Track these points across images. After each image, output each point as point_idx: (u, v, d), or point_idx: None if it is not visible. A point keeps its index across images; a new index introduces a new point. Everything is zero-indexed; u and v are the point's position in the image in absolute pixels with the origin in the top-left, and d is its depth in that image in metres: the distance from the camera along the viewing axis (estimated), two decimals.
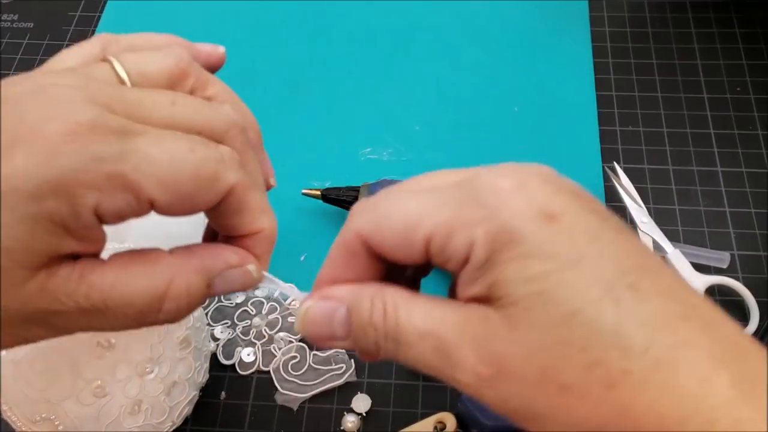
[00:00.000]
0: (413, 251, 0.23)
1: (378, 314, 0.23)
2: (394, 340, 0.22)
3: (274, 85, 0.54)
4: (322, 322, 0.24)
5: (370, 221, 0.24)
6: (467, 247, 0.21)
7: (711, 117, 0.51)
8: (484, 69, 0.55)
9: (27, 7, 0.60)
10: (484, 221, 0.21)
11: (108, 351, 0.33)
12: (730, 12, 0.57)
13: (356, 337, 0.23)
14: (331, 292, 0.24)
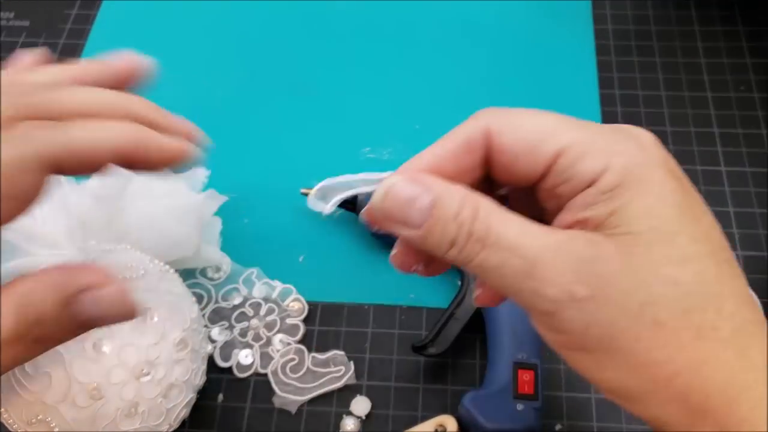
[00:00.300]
0: (536, 162, 0.23)
1: (467, 213, 0.22)
2: (480, 241, 0.22)
3: (274, 85, 0.54)
4: (402, 202, 0.23)
5: (503, 122, 0.24)
6: (599, 171, 0.22)
7: (715, 116, 0.51)
8: (486, 68, 0.54)
9: (23, 5, 0.60)
10: (627, 153, 0.22)
11: (104, 353, 0.32)
12: (734, 10, 0.56)
13: (431, 229, 0.23)
14: (421, 177, 0.24)
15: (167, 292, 0.36)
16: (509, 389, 0.37)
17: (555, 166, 0.23)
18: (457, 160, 0.25)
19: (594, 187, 0.22)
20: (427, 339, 0.40)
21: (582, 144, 0.23)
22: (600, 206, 0.22)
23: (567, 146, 0.23)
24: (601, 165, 0.22)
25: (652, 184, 0.22)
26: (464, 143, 0.25)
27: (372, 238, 0.45)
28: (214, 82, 0.54)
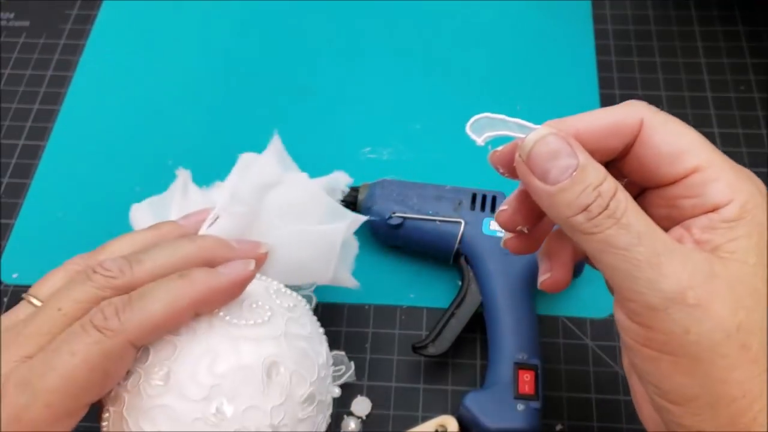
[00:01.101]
0: (675, 169, 0.25)
1: (607, 187, 0.24)
2: (614, 218, 0.23)
3: (274, 85, 0.54)
4: (549, 154, 0.24)
5: (659, 120, 0.26)
6: (726, 200, 0.25)
7: (715, 116, 0.51)
8: (485, 68, 0.54)
9: (23, 5, 0.60)
10: (749, 192, 0.25)
11: (223, 419, 0.29)
12: (733, 10, 0.56)
13: (566, 190, 0.24)
14: (572, 139, 0.25)
15: (296, 337, 0.32)
16: (510, 389, 0.37)
17: (689, 179, 0.25)
18: (602, 138, 0.26)
19: (718, 213, 0.25)
20: (428, 339, 0.40)
21: (717, 168, 0.25)
22: (720, 234, 0.24)
23: (705, 165, 0.25)
24: (729, 195, 0.25)
25: (762, 226, 0.25)
26: (614, 125, 0.26)
27: (373, 238, 0.45)
28: (214, 82, 0.54)
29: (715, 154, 0.25)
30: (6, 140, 0.52)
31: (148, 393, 0.28)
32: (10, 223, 0.48)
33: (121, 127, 0.52)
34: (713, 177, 0.25)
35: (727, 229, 0.24)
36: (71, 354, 0.26)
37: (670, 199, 0.26)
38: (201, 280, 0.28)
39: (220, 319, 0.30)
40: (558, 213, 0.24)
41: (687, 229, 0.25)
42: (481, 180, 0.47)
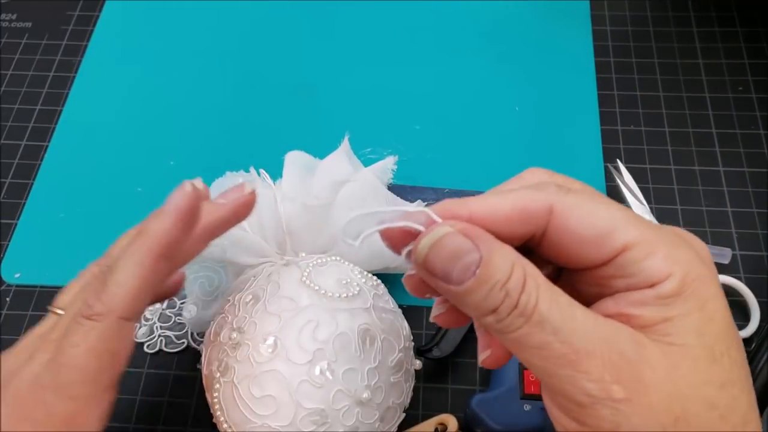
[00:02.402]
0: (601, 252, 0.23)
1: (515, 282, 0.21)
2: (524, 317, 0.21)
3: (274, 86, 0.54)
4: (448, 257, 0.22)
5: (571, 205, 0.23)
6: (662, 276, 0.22)
7: (713, 116, 0.51)
8: (484, 68, 0.54)
9: (25, 6, 0.60)
10: (689, 263, 0.22)
11: (328, 379, 0.32)
12: (731, 11, 0.56)
13: (472, 291, 0.21)
14: (473, 230, 0.22)
15: (383, 310, 0.35)
16: (516, 390, 0.37)
17: (618, 259, 0.22)
18: (509, 225, 0.23)
19: (654, 290, 0.22)
20: (432, 342, 0.40)
21: (649, 243, 0.22)
22: (654, 310, 0.22)
23: (634, 242, 0.22)
24: (665, 270, 0.22)
25: (707, 300, 0.22)
26: (522, 211, 0.23)
27: None
28: (215, 82, 0.54)
29: (644, 228, 0.23)
30: (8, 141, 0.52)
31: (257, 361, 0.32)
32: (12, 223, 0.48)
33: (123, 127, 0.52)
34: (646, 253, 0.22)
35: (662, 307, 0.22)
36: (74, 346, 0.27)
37: (600, 279, 0.23)
38: (155, 228, 0.28)
39: (317, 293, 0.34)
40: (467, 312, 0.22)
41: (616, 301, 0.23)
42: (480, 180, 0.48)
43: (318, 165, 0.41)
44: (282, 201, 0.38)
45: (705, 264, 0.23)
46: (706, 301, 0.22)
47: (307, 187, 0.39)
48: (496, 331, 0.22)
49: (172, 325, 0.43)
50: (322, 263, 0.36)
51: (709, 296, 0.22)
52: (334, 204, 0.39)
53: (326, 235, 0.38)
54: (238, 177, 0.42)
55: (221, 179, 0.42)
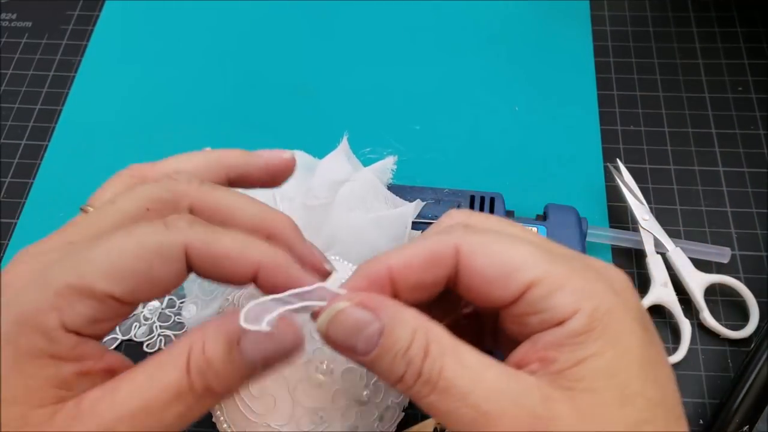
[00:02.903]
0: (507, 290, 0.22)
1: (417, 350, 0.21)
2: (430, 384, 0.21)
3: (274, 86, 0.54)
4: (349, 331, 0.22)
5: (476, 244, 0.23)
6: (570, 311, 0.21)
7: (712, 116, 0.51)
8: (484, 68, 0.54)
9: (25, 6, 0.60)
10: (599, 296, 0.22)
11: (327, 378, 0.31)
12: (731, 11, 0.56)
13: (378, 360, 0.22)
14: (371, 299, 0.22)
15: None
16: None
17: (526, 297, 0.22)
18: (421, 272, 0.24)
19: (563, 327, 0.21)
20: None
21: (556, 279, 0.22)
22: (567, 352, 0.21)
23: (540, 278, 0.22)
24: (573, 306, 0.21)
25: (620, 335, 0.21)
26: (431, 257, 0.23)
27: None
28: (215, 82, 0.54)
29: (552, 264, 0.22)
30: (8, 140, 0.52)
31: None
32: (12, 223, 0.48)
33: (123, 127, 0.52)
34: (553, 288, 0.22)
35: (574, 347, 0.21)
36: (127, 234, 0.23)
37: (516, 318, 0.23)
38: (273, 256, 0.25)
39: None
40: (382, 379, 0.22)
41: (533, 344, 0.22)
42: (480, 181, 0.48)
43: (317, 164, 0.41)
44: (281, 200, 0.38)
45: (618, 295, 0.22)
46: (620, 337, 0.21)
47: (307, 187, 0.39)
48: (408, 397, 0.22)
49: (171, 324, 0.43)
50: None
51: (622, 330, 0.21)
52: (334, 203, 0.39)
53: (326, 234, 0.38)
54: None
55: None
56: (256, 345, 0.22)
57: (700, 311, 0.42)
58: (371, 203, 0.40)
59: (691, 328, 0.41)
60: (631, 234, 0.44)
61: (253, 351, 0.22)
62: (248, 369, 0.22)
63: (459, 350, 0.22)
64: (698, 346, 0.41)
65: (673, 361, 0.40)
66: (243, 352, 0.22)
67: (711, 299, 0.42)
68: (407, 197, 0.43)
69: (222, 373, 0.22)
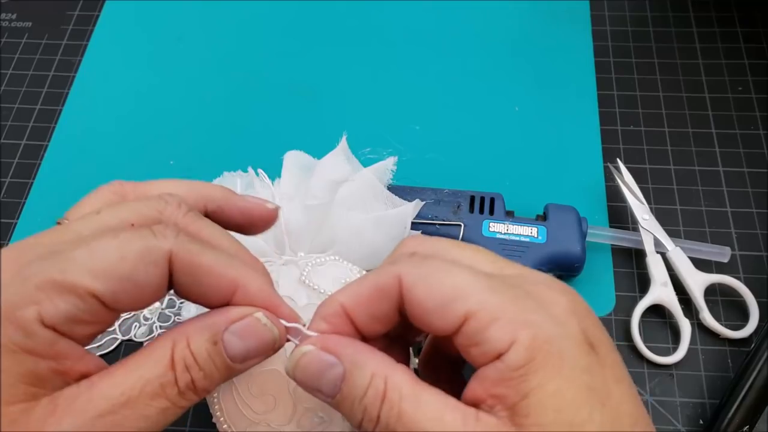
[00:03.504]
0: (446, 321, 0.22)
1: (372, 397, 0.22)
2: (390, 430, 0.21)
3: (274, 86, 0.54)
4: (313, 373, 0.23)
5: (416, 275, 0.23)
6: (506, 343, 0.21)
7: (713, 116, 0.51)
8: (484, 68, 0.54)
9: (25, 6, 0.60)
10: (536, 325, 0.21)
11: None
12: (731, 11, 0.56)
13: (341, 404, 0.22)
14: (333, 343, 0.23)
15: None
16: None
17: (464, 329, 0.22)
18: (371, 306, 0.24)
19: (502, 361, 0.21)
20: None
21: (491, 310, 0.22)
22: (512, 386, 0.21)
23: (476, 310, 0.22)
24: (508, 337, 0.21)
25: (562, 363, 0.21)
26: (376, 290, 0.24)
27: None
28: (215, 82, 0.54)
29: (490, 293, 0.22)
30: (8, 140, 0.52)
31: None
32: (12, 223, 0.48)
33: (123, 127, 0.52)
34: (488, 320, 0.21)
35: (518, 381, 0.21)
36: (113, 236, 0.22)
37: (460, 347, 0.23)
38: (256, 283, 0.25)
39: (316, 292, 0.34)
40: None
41: (480, 381, 0.22)
42: (480, 181, 0.48)
43: (316, 165, 0.41)
44: (280, 200, 0.39)
45: (558, 322, 0.22)
46: (562, 365, 0.21)
47: (306, 187, 0.39)
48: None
49: (171, 324, 0.43)
50: (321, 263, 0.36)
51: (563, 358, 0.21)
52: (333, 203, 0.39)
53: (325, 234, 0.38)
54: (236, 177, 0.42)
55: (219, 179, 0.42)
56: (239, 340, 0.23)
57: (700, 311, 0.42)
58: (371, 203, 0.40)
59: (690, 328, 0.41)
60: (631, 234, 0.44)
61: (236, 346, 0.23)
62: (231, 364, 0.23)
63: (418, 395, 0.22)
64: (698, 346, 0.41)
65: (673, 361, 0.40)
66: (227, 348, 0.23)
67: (711, 299, 0.42)
68: (407, 197, 0.43)
69: (206, 367, 0.22)
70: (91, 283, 0.21)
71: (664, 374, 0.40)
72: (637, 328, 0.41)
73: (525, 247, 0.41)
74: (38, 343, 0.21)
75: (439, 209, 0.43)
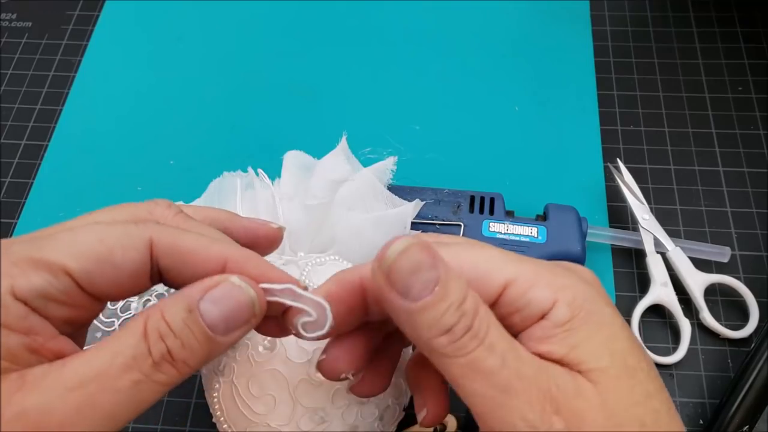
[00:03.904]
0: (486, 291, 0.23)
1: (471, 305, 0.22)
2: (478, 339, 0.21)
3: (274, 86, 0.54)
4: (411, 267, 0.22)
5: (449, 253, 0.23)
6: (549, 303, 0.22)
7: (713, 116, 0.51)
8: (484, 68, 0.54)
9: (25, 6, 0.60)
10: (573, 287, 0.23)
11: (325, 381, 0.31)
12: (731, 11, 0.56)
13: (428, 308, 0.21)
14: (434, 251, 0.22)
15: None
16: None
17: (504, 297, 0.23)
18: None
19: (547, 320, 0.22)
20: None
21: (528, 276, 0.23)
22: (558, 341, 0.22)
23: (514, 277, 0.23)
24: (551, 297, 0.22)
25: (603, 319, 0.23)
26: None
27: None
28: (215, 82, 0.54)
29: (523, 264, 0.23)
30: (8, 140, 0.52)
31: (256, 360, 0.31)
32: (12, 223, 0.48)
33: (123, 127, 0.52)
34: (528, 285, 0.23)
35: (565, 335, 0.22)
36: (94, 223, 0.23)
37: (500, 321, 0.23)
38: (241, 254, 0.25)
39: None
40: (419, 335, 0.22)
41: (525, 344, 0.23)
42: (480, 181, 0.48)
43: (316, 165, 0.41)
44: (280, 200, 0.39)
45: (591, 285, 0.24)
46: (603, 319, 0.23)
47: (306, 187, 0.39)
48: (446, 354, 0.22)
49: None
50: (321, 262, 0.36)
51: (604, 315, 0.23)
52: (333, 203, 0.39)
53: (325, 234, 0.38)
54: (236, 177, 0.42)
55: (219, 179, 0.42)
56: (215, 306, 0.22)
57: (700, 311, 0.42)
58: (370, 203, 0.40)
59: (690, 327, 0.41)
60: (631, 234, 0.44)
61: (213, 313, 0.22)
62: (211, 335, 0.22)
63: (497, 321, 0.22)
64: (698, 346, 0.41)
65: (673, 361, 0.40)
66: (204, 316, 0.22)
67: (711, 299, 0.42)
68: (407, 197, 0.43)
69: (182, 336, 0.22)
70: (64, 260, 0.22)
71: (664, 374, 0.40)
72: (637, 328, 0.41)
73: (525, 247, 0.41)
74: (8, 315, 0.21)
75: (439, 209, 0.43)
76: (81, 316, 0.23)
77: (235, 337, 0.23)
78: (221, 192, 0.41)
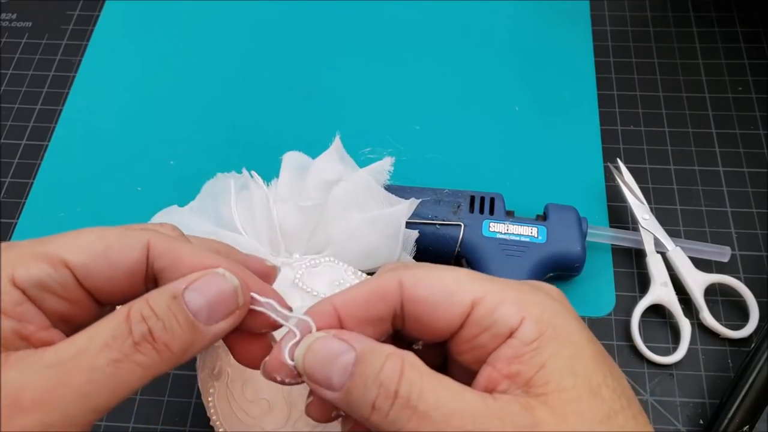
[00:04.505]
0: (453, 311, 0.23)
1: (390, 372, 0.21)
2: (410, 407, 0.21)
3: (274, 86, 0.54)
4: (324, 360, 0.22)
5: (418, 275, 0.24)
6: (517, 320, 0.22)
7: (713, 116, 0.51)
8: (484, 68, 0.54)
9: (25, 6, 0.60)
10: (540, 303, 0.23)
11: None
12: (731, 11, 0.56)
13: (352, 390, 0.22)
14: (347, 333, 0.23)
15: None
16: None
17: (473, 316, 0.23)
18: (367, 309, 0.24)
19: (515, 338, 0.22)
20: None
21: (495, 294, 0.23)
22: (527, 360, 0.22)
23: (482, 295, 0.23)
24: (518, 314, 0.23)
25: (570, 335, 0.23)
26: (378, 291, 0.24)
27: None
28: (215, 82, 0.55)
29: (489, 282, 0.24)
30: (8, 140, 0.52)
31: None
32: (12, 223, 0.48)
33: (123, 127, 0.52)
34: (495, 302, 0.23)
35: (532, 354, 0.22)
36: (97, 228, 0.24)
37: (467, 342, 0.23)
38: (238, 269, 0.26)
39: (309, 294, 0.34)
40: (360, 416, 0.22)
41: (493, 365, 0.23)
42: (480, 181, 0.48)
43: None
44: (275, 202, 0.38)
45: (558, 301, 0.24)
46: (570, 336, 0.23)
47: (301, 188, 0.39)
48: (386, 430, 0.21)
49: None
50: (316, 264, 0.36)
51: (571, 331, 0.23)
52: (328, 204, 0.39)
53: (320, 235, 0.38)
54: (230, 178, 0.41)
55: (212, 181, 0.42)
56: (199, 294, 0.23)
57: (700, 311, 0.42)
58: (366, 203, 0.40)
59: (691, 327, 0.41)
60: (631, 234, 0.44)
61: (196, 300, 0.23)
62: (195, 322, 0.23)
63: (438, 375, 0.22)
64: (698, 345, 0.41)
65: (673, 360, 0.40)
66: (188, 302, 0.23)
67: (711, 299, 0.42)
68: (407, 197, 0.43)
69: (165, 318, 0.22)
70: (64, 253, 0.23)
71: (664, 374, 0.40)
72: (637, 328, 0.41)
73: (525, 247, 0.41)
74: (4, 299, 0.22)
75: (439, 209, 0.43)
76: (77, 314, 0.24)
77: (219, 328, 0.24)
78: (215, 193, 0.41)
